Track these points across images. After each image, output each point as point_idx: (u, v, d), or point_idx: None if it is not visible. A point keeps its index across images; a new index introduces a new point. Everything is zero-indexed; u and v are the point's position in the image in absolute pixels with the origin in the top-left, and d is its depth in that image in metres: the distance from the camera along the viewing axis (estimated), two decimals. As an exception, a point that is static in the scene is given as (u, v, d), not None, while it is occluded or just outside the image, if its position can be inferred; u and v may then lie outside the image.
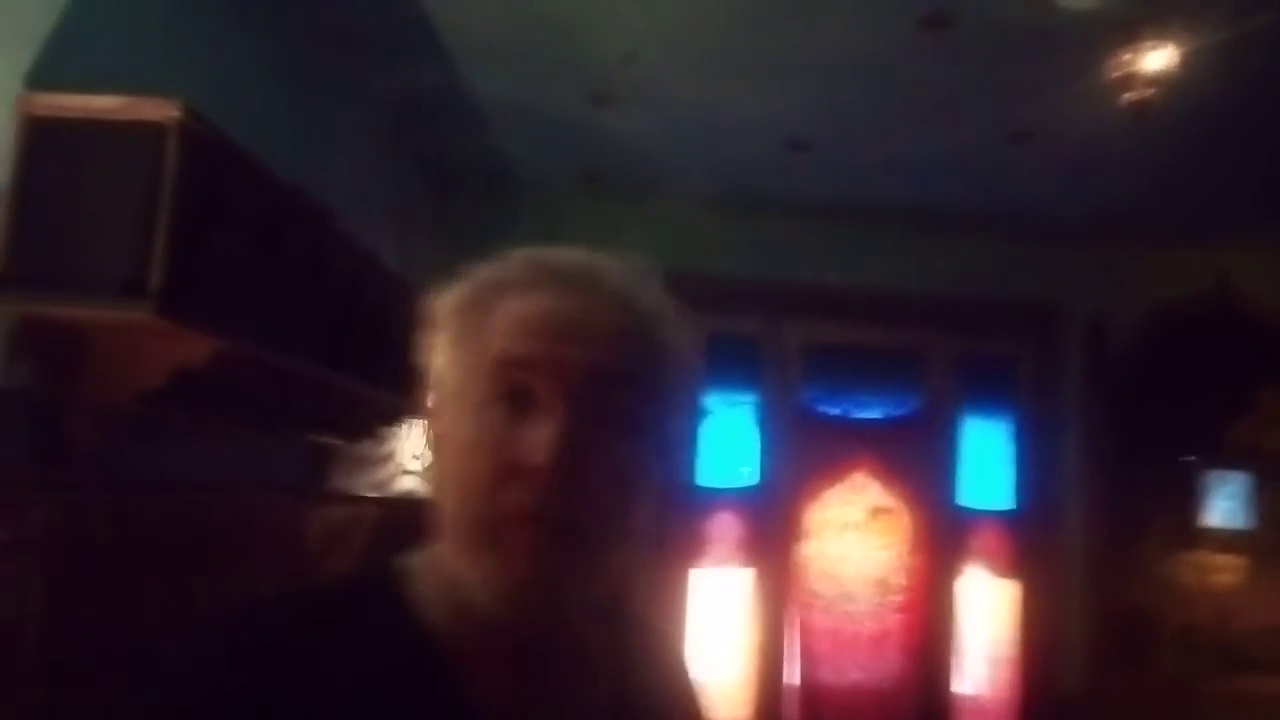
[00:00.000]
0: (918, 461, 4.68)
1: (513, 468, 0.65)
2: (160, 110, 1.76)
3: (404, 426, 3.48)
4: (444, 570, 0.69)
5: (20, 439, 1.78)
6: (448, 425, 0.70)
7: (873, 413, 4.77)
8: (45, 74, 1.81)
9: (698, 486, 4.53)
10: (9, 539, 1.61)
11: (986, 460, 4.80)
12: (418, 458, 3.69)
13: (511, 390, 0.67)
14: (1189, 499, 4.80)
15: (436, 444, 0.73)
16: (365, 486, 3.37)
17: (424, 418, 0.75)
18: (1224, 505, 4.84)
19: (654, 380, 0.72)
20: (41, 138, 1.76)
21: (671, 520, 4.39)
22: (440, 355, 0.73)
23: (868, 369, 4.76)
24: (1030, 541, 4.68)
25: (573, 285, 0.71)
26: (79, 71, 1.86)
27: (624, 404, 0.69)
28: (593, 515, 0.66)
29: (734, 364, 4.63)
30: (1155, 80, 2.56)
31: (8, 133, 1.74)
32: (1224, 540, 4.80)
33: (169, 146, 1.75)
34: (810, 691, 4.51)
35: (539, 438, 0.65)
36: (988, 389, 4.82)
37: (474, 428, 0.67)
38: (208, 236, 1.88)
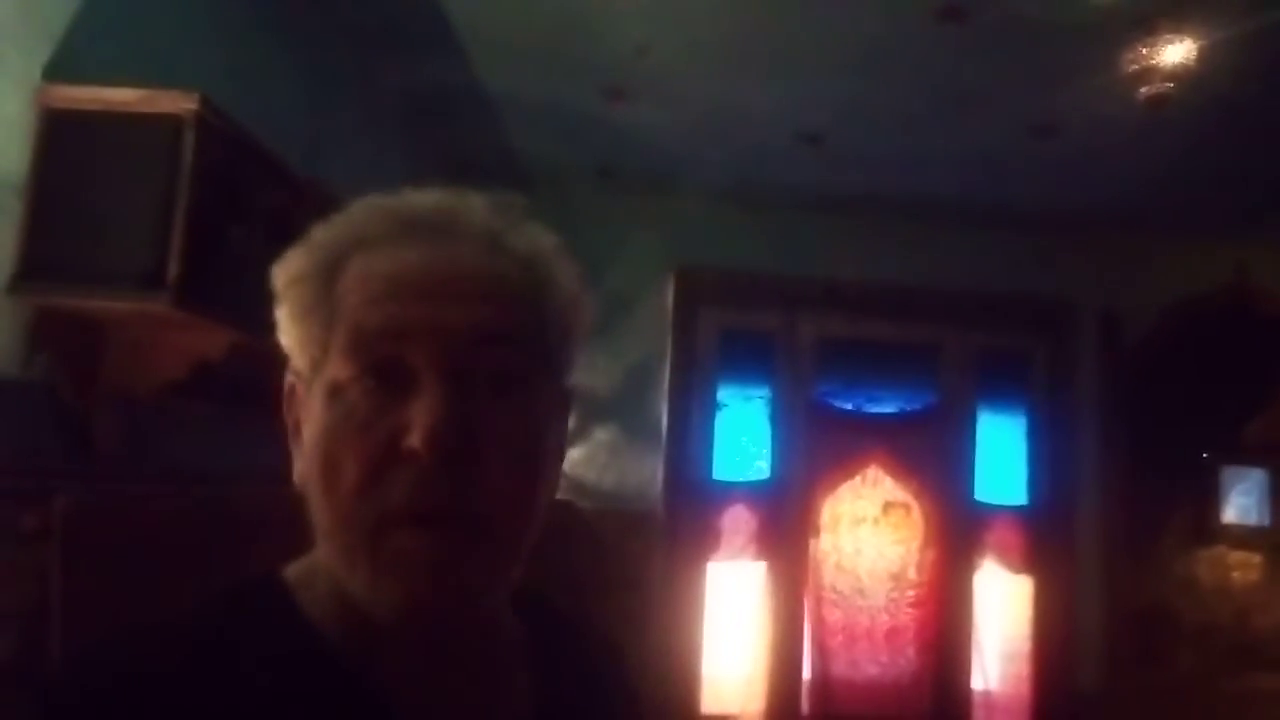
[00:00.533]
0: (932, 456, 4.66)
1: (388, 457, 0.55)
2: (178, 103, 1.77)
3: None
4: (330, 573, 0.60)
5: (41, 430, 1.79)
6: (305, 413, 0.60)
7: (887, 407, 4.75)
8: (63, 66, 1.82)
9: (711, 480, 4.54)
10: (30, 529, 1.63)
11: (1001, 455, 4.77)
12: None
13: (376, 364, 0.56)
14: (1206, 495, 4.77)
15: (298, 433, 0.62)
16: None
17: (284, 406, 0.65)
18: (1241, 502, 4.80)
19: (541, 330, 0.62)
20: (59, 130, 1.77)
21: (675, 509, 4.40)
22: (286, 332, 0.62)
23: (882, 363, 4.74)
24: (1045, 537, 4.66)
25: (432, 233, 0.60)
26: (96, 64, 1.88)
27: (510, 365, 0.59)
28: (490, 502, 0.56)
29: (748, 358, 4.62)
30: (1172, 74, 2.53)
31: (26, 125, 1.76)
32: (1241, 537, 4.77)
33: (186, 139, 1.76)
34: (824, 686, 4.51)
35: (416, 418, 0.54)
36: (1003, 384, 4.79)
37: (334, 414, 0.57)
38: (225, 229, 1.89)
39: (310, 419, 0.60)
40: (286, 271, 0.63)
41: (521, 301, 0.61)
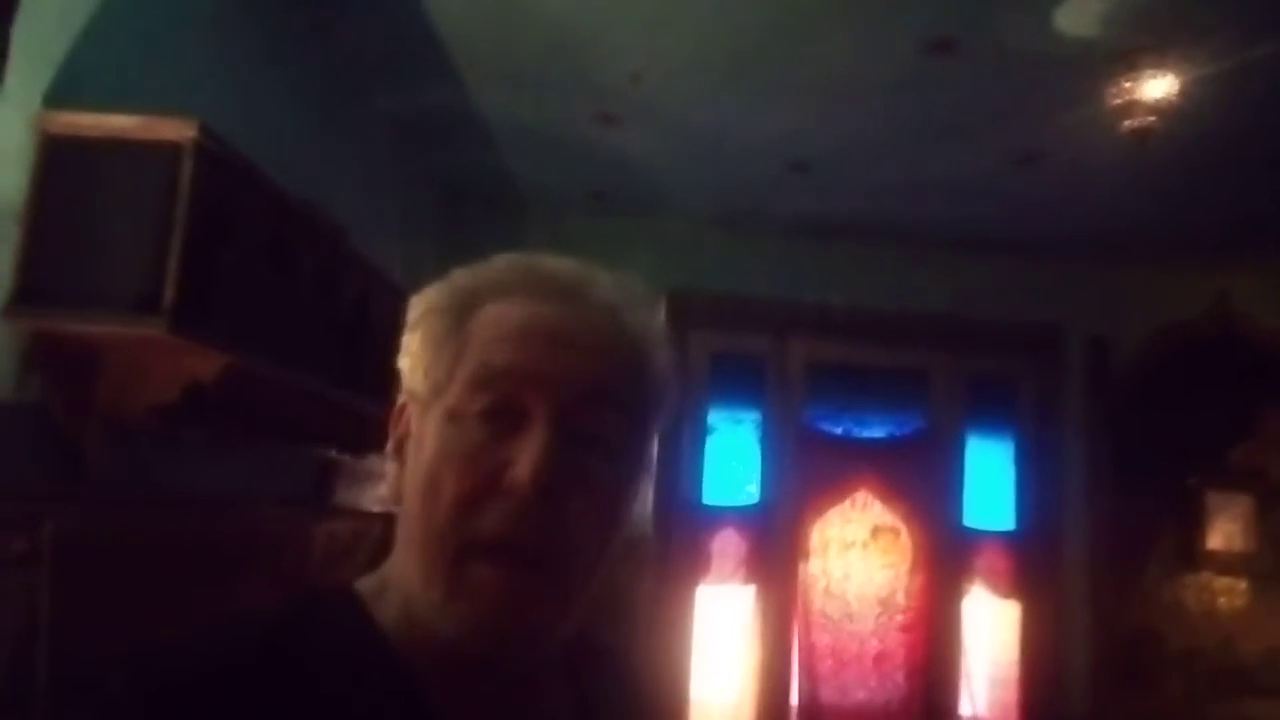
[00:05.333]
0: (920, 481, 4.68)
1: (488, 487, 0.60)
2: (176, 129, 1.79)
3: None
4: (403, 588, 0.63)
5: (33, 453, 1.80)
6: (417, 432, 0.65)
7: (876, 432, 4.78)
8: (63, 93, 1.84)
9: (701, 504, 4.54)
10: (21, 552, 1.62)
11: (989, 480, 4.80)
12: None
13: (493, 401, 0.61)
14: (1192, 521, 4.80)
15: (399, 450, 0.67)
16: (370, 501, 3.38)
17: (391, 422, 0.69)
18: (1227, 527, 4.83)
19: (643, 402, 0.67)
20: (59, 156, 1.79)
21: (659, 539, 4.40)
22: (414, 356, 0.67)
23: (871, 388, 4.77)
24: (1033, 562, 4.68)
25: (562, 294, 0.66)
26: (96, 91, 1.90)
27: (613, 427, 0.64)
28: (570, 546, 0.61)
29: (738, 382, 4.65)
30: (1155, 108, 2.59)
31: (26, 150, 1.77)
32: (1227, 563, 4.79)
33: (184, 165, 1.78)
34: (813, 711, 4.50)
35: (523, 454, 0.59)
36: (990, 409, 4.83)
37: (448, 439, 0.62)
38: (220, 254, 1.90)
39: (421, 440, 0.64)
40: (424, 302, 0.68)
41: (631, 372, 0.66)
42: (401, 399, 0.68)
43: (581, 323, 0.65)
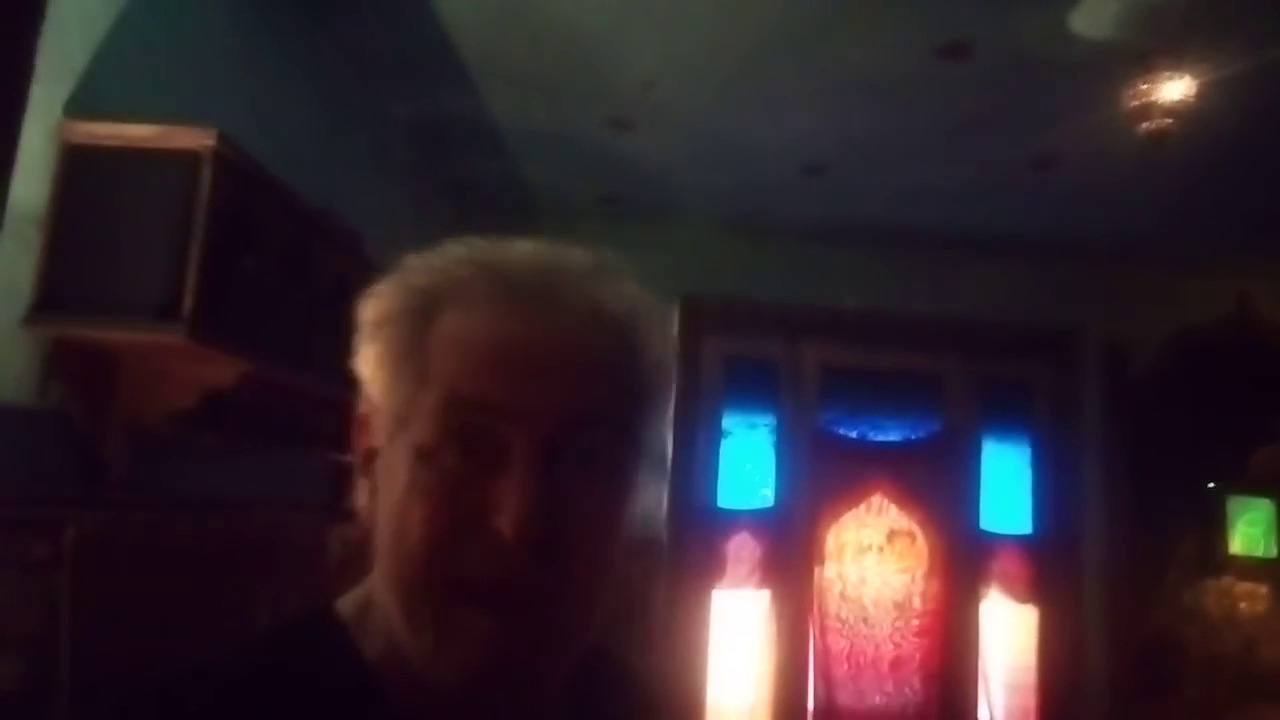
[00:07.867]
0: (936, 485, 4.66)
1: (469, 530, 0.55)
2: (195, 138, 1.81)
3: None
4: (386, 619, 0.59)
5: (54, 459, 1.82)
6: (386, 459, 0.59)
7: (891, 435, 4.76)
8: (84, 102, 1.86)
9: (716, 508, 4.54)
10: (42, 557, 1.64)
11: (1006, 484, 4.77)
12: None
13: (466, 437, 0.56)
14: (1212, 526, 4.76)
15: (368, 466, 0.62)
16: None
17: (354, 433, 0.64)
18: (1247, 532, 4.78)
19: (632, 404, 0.61)
20: (79, 165, 1.81)
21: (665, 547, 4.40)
22: (372, 372, 0.61)
23: (886, 392, 4.75)
24: (1050, 567, 4.64)
25: (533, 298, 0.59)
26: (116, 100, 1.92)
27: (600, 446, 0.58)
28: (566, 584, 0.56)
29: (752, 386, 4.64)
30: (1172, 110, 2.57)
31: (47, 160, 1.80)
32: (1248, 568, 4.75)
33: (203, 174, 1.79)
34: (828, 715, 4.48)
35: (505, 500, 0.54)
36: (1007, 413, 4.80)
37: (421, 478, 0.56)
38: (239, 261, 1.92)
39: (392, 472, 0.58)
40: (376, 308, 0.62)
41: (616, 377, 0.60)
42: (363, 409, 0.63)
43: (555, 333, 0.58)
